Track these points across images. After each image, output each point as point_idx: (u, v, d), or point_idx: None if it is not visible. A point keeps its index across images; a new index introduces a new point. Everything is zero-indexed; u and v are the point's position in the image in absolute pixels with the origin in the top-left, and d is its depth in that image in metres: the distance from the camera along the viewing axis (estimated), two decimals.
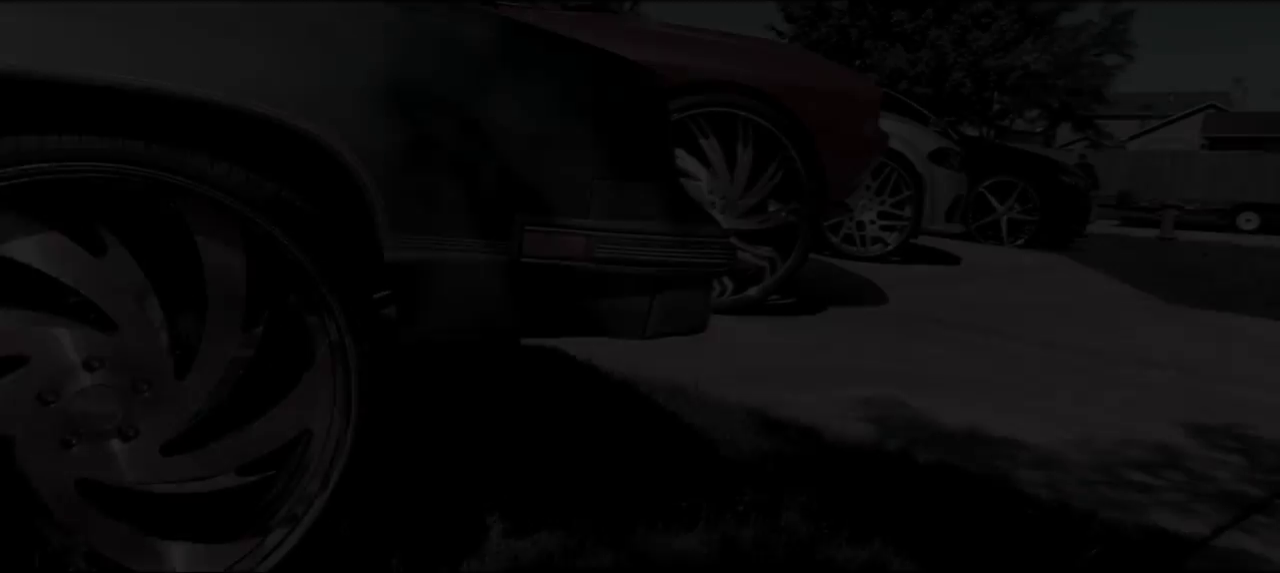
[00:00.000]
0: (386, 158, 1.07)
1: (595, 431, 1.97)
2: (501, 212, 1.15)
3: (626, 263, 1.22)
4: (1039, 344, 3.61)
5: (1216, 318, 4.80)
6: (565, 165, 1.19)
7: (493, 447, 1.79)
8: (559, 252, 1.18)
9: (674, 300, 1.27)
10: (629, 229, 1.22)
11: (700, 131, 3.55)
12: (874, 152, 3.74)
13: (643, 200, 1.24)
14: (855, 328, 3.71)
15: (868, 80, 3.73)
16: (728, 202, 3.60)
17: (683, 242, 1.27)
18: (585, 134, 1.19)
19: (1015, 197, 8.32)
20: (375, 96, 1.06)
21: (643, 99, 1.26)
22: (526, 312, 1.19)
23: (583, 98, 1.19)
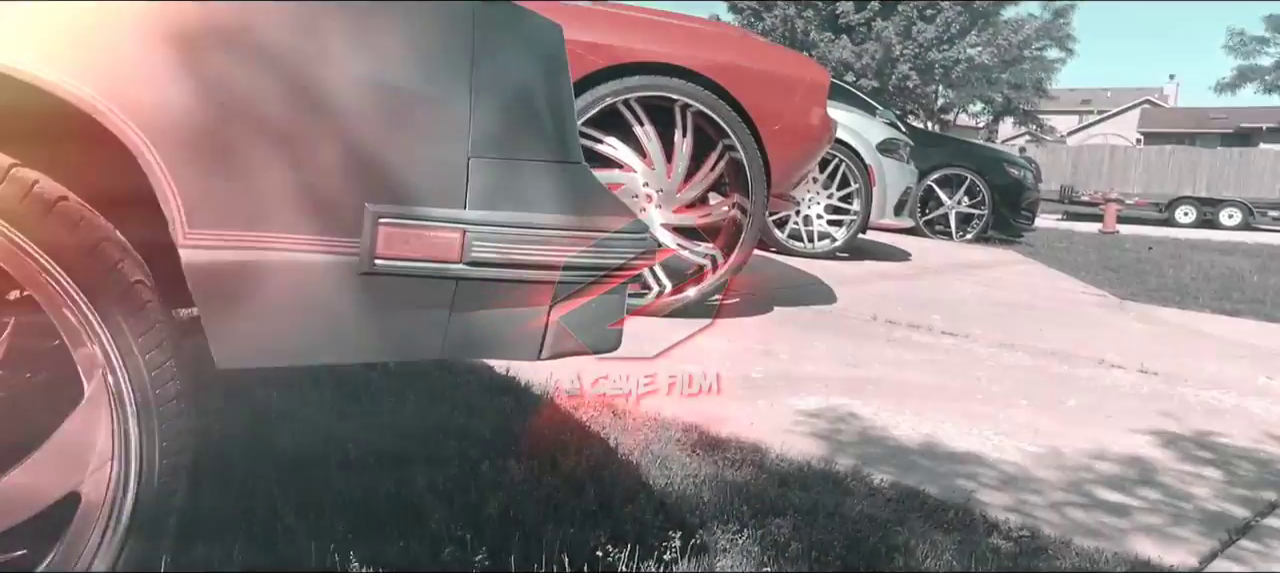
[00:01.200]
0: (179, 130, 0.80)
1: (504, 458, 1.71)
2: (345, 201, 0.89)
3: (514, 265, 0.98)
4: (995, 345, 3.45)
5: (1170, 315, 4.73)
6: (432, 141, 0.93)
7: (367, 491, 1.53)
8: (424, 252, 0.93)
9: (578, 312, 1.03)
10: (518, 223, 0.98)
11: (634, 118, 3.31)
12: (822, 140, 3.54)
13: (536, 186, 0.99)
14: (802, 330, 3.51)
15: (814, 64, 3.54)
16: (665, 194, 3.37)
17: (589, 238, 1.03)
18: (458, 99, 0.94)
19: (964, 189, 8.27)
20: (160, 52, 0.80)
21: (536, 55, 1.01)
22: (382, 329, 0.94)
23: (453, 50, 0.94)
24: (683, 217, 3.42)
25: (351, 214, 0.90)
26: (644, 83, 3.24)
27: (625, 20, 3.38)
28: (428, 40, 0.93)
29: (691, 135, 3.35)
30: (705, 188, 3.43)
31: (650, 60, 3.25)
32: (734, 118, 3.29)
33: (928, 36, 19.36)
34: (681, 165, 3.35)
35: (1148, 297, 5.42)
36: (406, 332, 0.97)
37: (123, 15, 0.80)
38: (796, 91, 3.38)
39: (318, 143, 0.88)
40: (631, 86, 3.24)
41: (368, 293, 0.92)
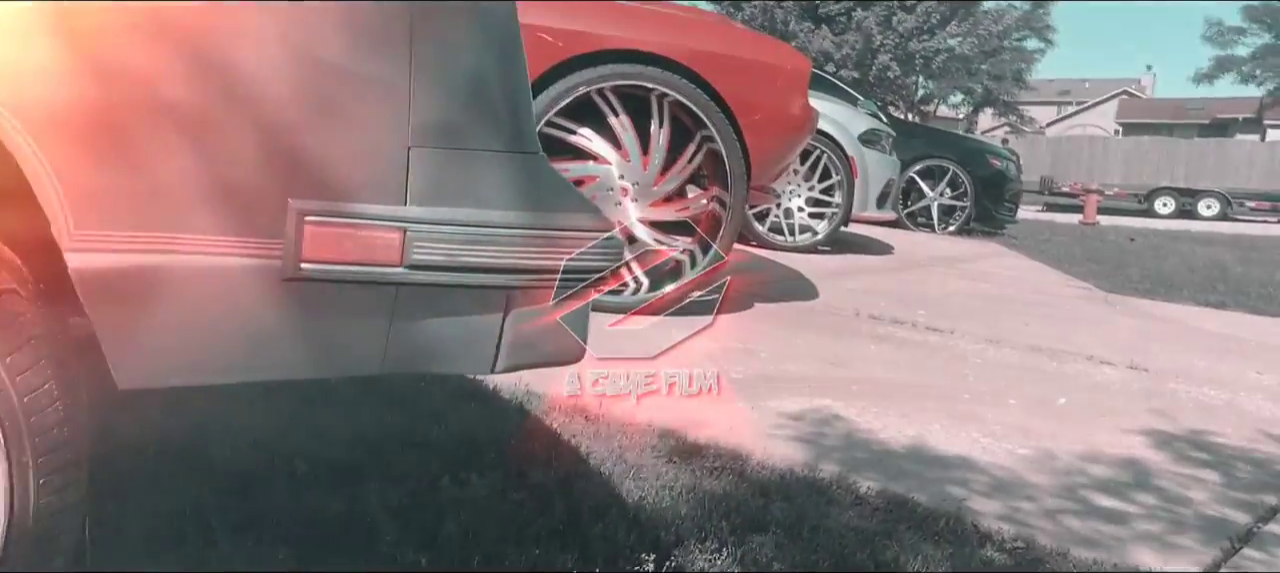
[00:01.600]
0: (61, 111, 0.69)
1: (467, 471, 1.61)
2: (264, 196, 0.78)
3: (463, 268, 0.87)
4: (982, 341, 3.38)
5: (1157, 308, 4.69)
6: (366, 128, 0.83)
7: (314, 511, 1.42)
8: (358, 254, 0.82)
9: (537, 320, 0.93)
10: (466, 220, 0.87)
11: (609, 108, 3.20)
12: (803, 131, 3.45)
13: (487, 179, 0.89)
14: (784, 327, 3.42)
15: (795, 52, 3.44)
16: (641, 188, 3.26)
17: (547, 238, 0.92)
18: (395, 79, 0.83)
19: (946, 181, 8.22)
20: (39, 25, 0.69)
21: (487, 33, 0.91)
22: (311, 342, 0.83)
23: (389, 24, 0.83)
24: (659, 211, 3.31)
25: (272, 211, 0.79)
26: (618, 71, 3.13)
27: (599, 5, 3.26)
28: (359, 11, 0.82)
29: (668, 126, 3.25)
30: (683, 181, 3.33)
31: (625, 48, 3.14)
32: (712, 108, 3.19)
33: (908, 27, 19.37)
34: (658, 157, 3.24)
35: (1132, 289, 5.38)
36: (339, 345, 0.86)
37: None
38: (777, 80, 3.28)
39: (230, 129, 0.77)
40: (606, 75, 3.12)
41: (293, 301, 0.81)
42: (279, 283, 0.80)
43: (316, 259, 0.81)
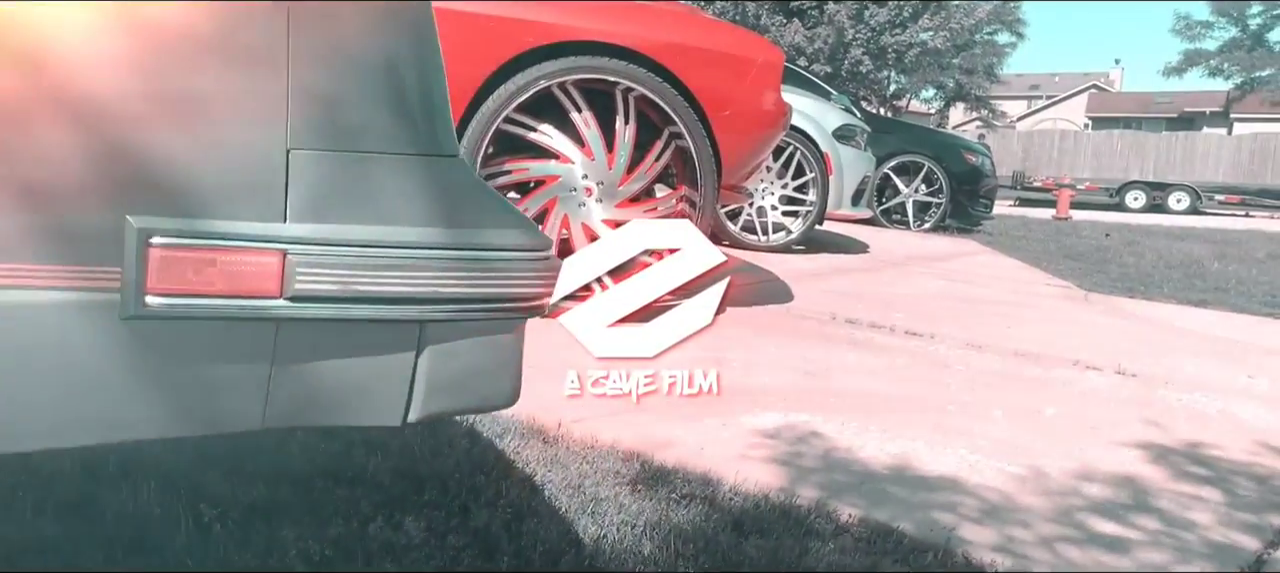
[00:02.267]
0: None
1: (403, 511, 1.44)
2: (94, 212, 0.61)
3: (362, 299, 0.71)
4: (963, 346, 3.26)
5: (1138, 307, 4.61)
6: (230, 124, 0.66)
7: (220, 565, 1.25)
8: (223, 284, 0.66)
9: (456, 358, 0.77)
10: (365, 240, 0.71)
11: (571, 104, 3.04)
12: (776, 127, 3.31)
13: (392, 188, 0.73)
14: (757, 333, 3.28)
15: (767, 43, 3.30)
16: (606, 187, 3.10)
17: (469, 259, 0.76)
18: (267, 63, 0.66)
19: (921, 177, 8.14)
20: None
21: (388, 8, 0.74)
22: (165, 395, 0.66)
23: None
24: (626, 211, 3.16)
25: (106, 232, 0.62)
26: (581, 64, 2.97)
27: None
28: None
29: (635, 122, 3.10)
30: (650, 180, 3.19)
31: (588, 39, 2.98)
32: (680, 103, 3.04)
33: (880, 20, 19.34)
34: (624, 155, 3.09)
35: (1111, 287, 5.31)
36: (204, 398, 0.70)
37: None
38: (748, 74, 3.14)
39: (45, 126, 0.60)
40: (567, 68, 2.97)
41: (138, 345, 0.65)
42: (118, 323, 0.64)
43: (167, 292, 0.65)
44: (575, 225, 3.10)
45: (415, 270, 0.73)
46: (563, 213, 3.09)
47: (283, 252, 0.67)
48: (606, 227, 3.13)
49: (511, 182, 3.13)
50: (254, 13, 0.66)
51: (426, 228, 0.74)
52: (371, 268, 0.71)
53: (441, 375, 0.77)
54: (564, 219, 3.09)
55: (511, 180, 3.13)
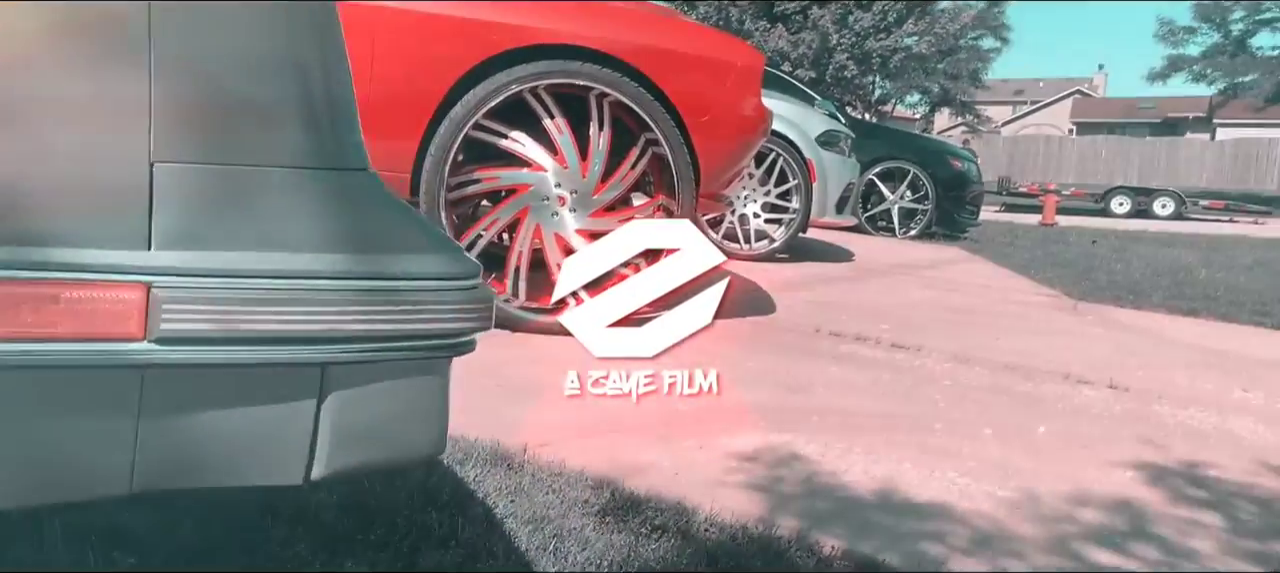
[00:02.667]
0: None
1: (347, 553, 1.33)
2: None
3: (248, 340, 0.60)
4: (950, 359, 3.17)
5: (1129, 317, 4.54)
6: (80, 132, 0.55)
7: None
8: (72, 325, 0.54)
9: (367, 405, 0.66)
10: (249, 269, 0.60)
11: (544, 110, 2.94)
12: (757, 132, 3.22)
13: (282, 208, 0.62)
14: (738, 346, 3.18)
15: (747, 47, 3.20)
16: (580, 196, 3.00)
17: (381, 292, 0.65)
18: (122, 57, 0.55)
19: (906, 183, 8.07)
20: None
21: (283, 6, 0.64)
22: (4, 459, 0.55)
23: None
24: (601, 221, 3.05)
25: None
26: (553, 68, 2.87)
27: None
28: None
29: (609, 128, 2.99)
30: (626, 188, 3.08)
31: (560, 42, 2.88)
32: (656, 108, 2.94)
33: (865, 25, 19.32)
34: (598, 163, 2.99)
35: (1100, 296, 5.24)
36: (57, 460, 0.58)
37: None
38: (727, 78, 3.04)
39: None
40: (539, 72, 2.86)
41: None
42: None
43: (6, 334, 0.53)
44: (548, 235, 2.99)
45: (314, 305, 0.62)
46: (535, 222, 2.98)
47: (146, 285, 0.56)
48: (580, 237, 3.03)
49: (482, 190, 3.03)
50: (108, 11, 0.55)
51: (327, 254, 0.63)
52: (258, 303, 0.60)
53: (350, 425, 0.66)
54: (536, 229, 2.99)
55: (482, 189, 3.02)
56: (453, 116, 2.82)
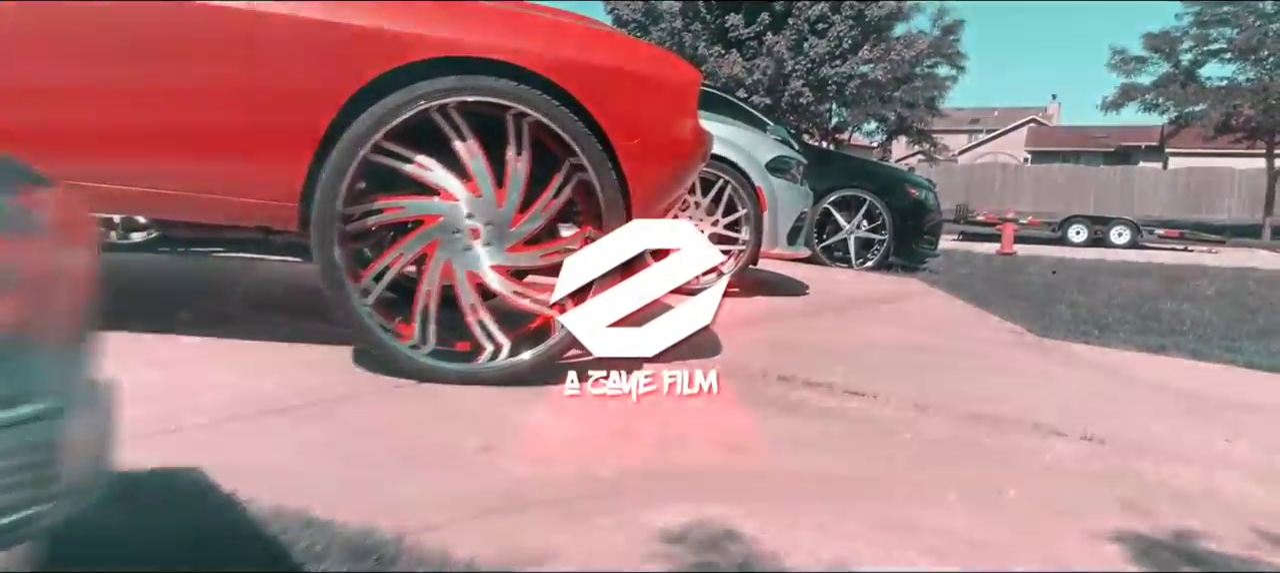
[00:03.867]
0: None
1: None
2: None
3: None
4: (910, 407, 2.93)
5: (1096, 355, 4.36)
6: None
7: None
8: None
9: None
10: None
11: (454, 131, 2.65)
12: (693, 157, 2.96)
13: None
14: (676, 396, 2.90)
15: (682, 62, 2.96)
16: (495, 228, 2.71)
17: None
18: None
19: (863, 212, 7.92)
20: None
21: None
22: None
23: None
24: (519, 256, 2.77)
25: None
26: (463, 84, 2.59)
27: (435, 5, 2.71)
28: None
29: (529, 153, 2.72)
30: (548, 219, 2.80)
31: (470, 55, 2.60)
32: (580, 130, 2.68)
33: (820, 52, 19.41)
34: (515, 191, 2.71)
35: (1064, 330, 5.07)
36: None
37: None
38: (660, 96, 2.79)
39: None
40: (446, 89, 2.58)
41: None
42: None
43: None
44: (459, 272, 2.70)
45: None
46: (444, 258, 2.69)
47: None
48: (497, 274, 2.74)
49: (384, 221, 2.72)
50: None
51: None
52: None
53: None
54: (446, 266, 2.69)
55: (384, 220, 2.72)
56: (348, 137, 2.52)
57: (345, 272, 2.57)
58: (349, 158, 2.52)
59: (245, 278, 4.57)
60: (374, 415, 2.36)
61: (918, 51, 23.05)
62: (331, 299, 2.59)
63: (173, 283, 4.30)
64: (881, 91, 24.10)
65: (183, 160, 2.47)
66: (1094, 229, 20.64)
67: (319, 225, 2.54)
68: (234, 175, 2.50)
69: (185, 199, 2.53)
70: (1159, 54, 29.94)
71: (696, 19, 19.66)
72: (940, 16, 29.70)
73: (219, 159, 2.48)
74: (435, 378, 2.68)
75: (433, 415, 2.42)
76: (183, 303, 3.75)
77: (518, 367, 2.71)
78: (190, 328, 3.05)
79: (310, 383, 2.56)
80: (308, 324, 2.70)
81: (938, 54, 30.00)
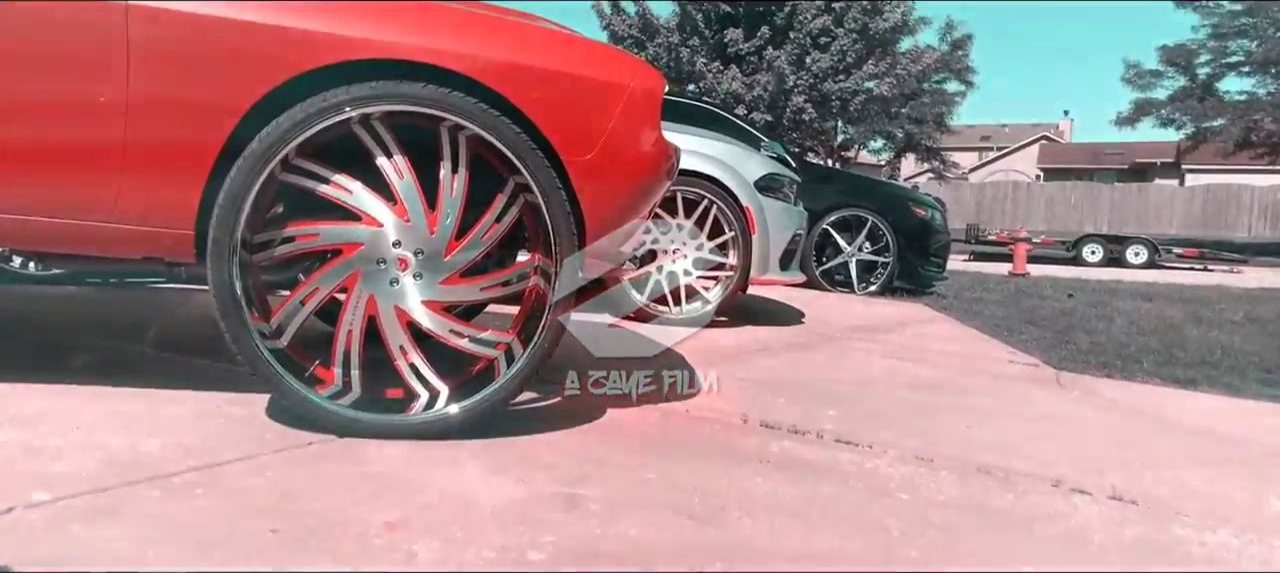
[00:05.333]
0: None
1: None
2: None
3: None
4: (909, 459, 2.60)
5: (1120, 391, 4.03)
6: None
7: None
8: None
9: None
10: None
11: (378, 145, 2.35)
12: (656, 174, 2.66)
13: None
14: (639, 448, 2.59)
15: (642, 66, 2.65)
16: (428, 258, 2.41)
17: None
18: None
19: (865, 233, 7.61)
20: None
21: None
22: None
23: None
24: (456, 289, 2.46)
25: None
26: (386, 91, 2.29)
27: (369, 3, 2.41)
28: None
29: (466, 171, 2.42)
30: (489, 246, 2.49)
31: (396, 57, 2.30)
32: (524, 144, 2.37)
33: (823, 65, 19.16)
34: (451, 215, 2.40)
35: (1083, 362, 4.75)
36: None
37: None
38: (616, 105, 2.49)
39: None
40: (366, 96, 2.28)
41: None
42: None
43: None
44: (385, 307, 2.39)
45: None
46: (367, 292, 2.37)
47: None
48: (429, 311, 2.43)
49: (295, 251, 2.41)
50: None
51: None
52: None
53: None
54: (370, 300, 2.38)
55: (296, 250, 2.41)
56: (251, 152, 2.22)
57: (247, 308, 2.26)
58: (250, 177, 2.22)
59: (176, 312, 4.27)
60: (270, 483, 2.04)
61: (924, 66, 22.79)
62: (230, 339, 2.27)
63: (78, 320, 3.99)
64: (888, 107, 23.86)
65: (47, 185, 2.17)
66: (1109, 249, 20.29)
67: (216, 255, 2.24)
68: (113, 200, 2.19)
69: (57, 229, 2.22)
70: (1175, 67, 29.71)
71: (695, 33, 19.43)
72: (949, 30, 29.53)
73: (92, 182, 2.17)
74: (355, 432, 2.36)
75: (342, 482, 2.10)
76: (85, 344, 3.44)
77: (447, 421, 2.39)
78: (80, 375, 2.73)
79: (203, 442, 2.24)
80: (231, 367, 2.39)
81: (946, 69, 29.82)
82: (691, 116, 7.24)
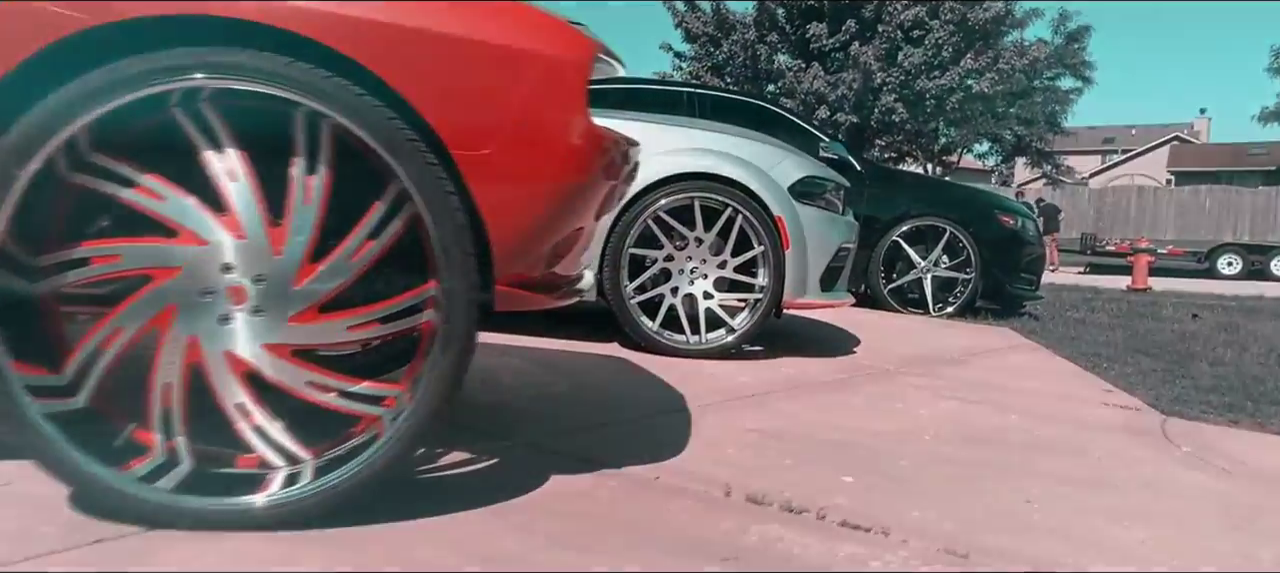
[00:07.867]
0: None
1: None
2: None
3: None
4: (939, 558, 2.00)
5: (1248, 450, 3.29)
6: None
7: None
8: None
9: None
10: None
11: (204, 135, 1.87)
12: (584, 173, 2.10)
13: None
14: (583, 532, 2.03)
15: (564, 28, 2.10)
16: (273, 287, 1.91)
17: None
18: None
19: (942, 246, 6.89)
20: None
21: None
22: None
23: None
24: (311, 328, 1.96)
25: None
26: (208, 61, 1.81)
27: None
28: None
29: (328, 170, 1.92)
30: (362, 269, 1.98)
31: (218, 16, 1.82)
32: (400, 135, 1.86)
33: (915, 61, 18.25)
34: (304, 229, 1.90)
35: (1201, 406, 4.00)
36: None
37: None
38: (523, 81, 1.95)
39: None
40: (172, 67, 1.80)
41: None
42: None
43: None
44: (213, 353, 1.90)
45: None
46: (186, 333, 1.89)
47: None
48: (273, 356, 1.93)
49: (92, 277, 1.93)
50: None
51: None
52: None
53: None
54: (191, 344, 1.89)
55: (91, 275, 1.92)
56: (8, 145, 1.76)
57: (8, 359, 1.80)
58: (12, 172, 1.76)
59: None
60: None
61: (1032, 60, 21.57)
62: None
63: None
64: (992, 107, 22.73)
65: None
66: (1250, 260, 18.84)
67: None
68: None
69: None
70: None
71: (773, 28, 18.74)
72: (1062, 22, 28.13)
73: None
74: (172, 523, 1.88)
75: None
76: None
77: (299, 505, 1.89)
78: None
79: None
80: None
81: (1060, 64, 28.39)
82: (717, 110, 6.68)
